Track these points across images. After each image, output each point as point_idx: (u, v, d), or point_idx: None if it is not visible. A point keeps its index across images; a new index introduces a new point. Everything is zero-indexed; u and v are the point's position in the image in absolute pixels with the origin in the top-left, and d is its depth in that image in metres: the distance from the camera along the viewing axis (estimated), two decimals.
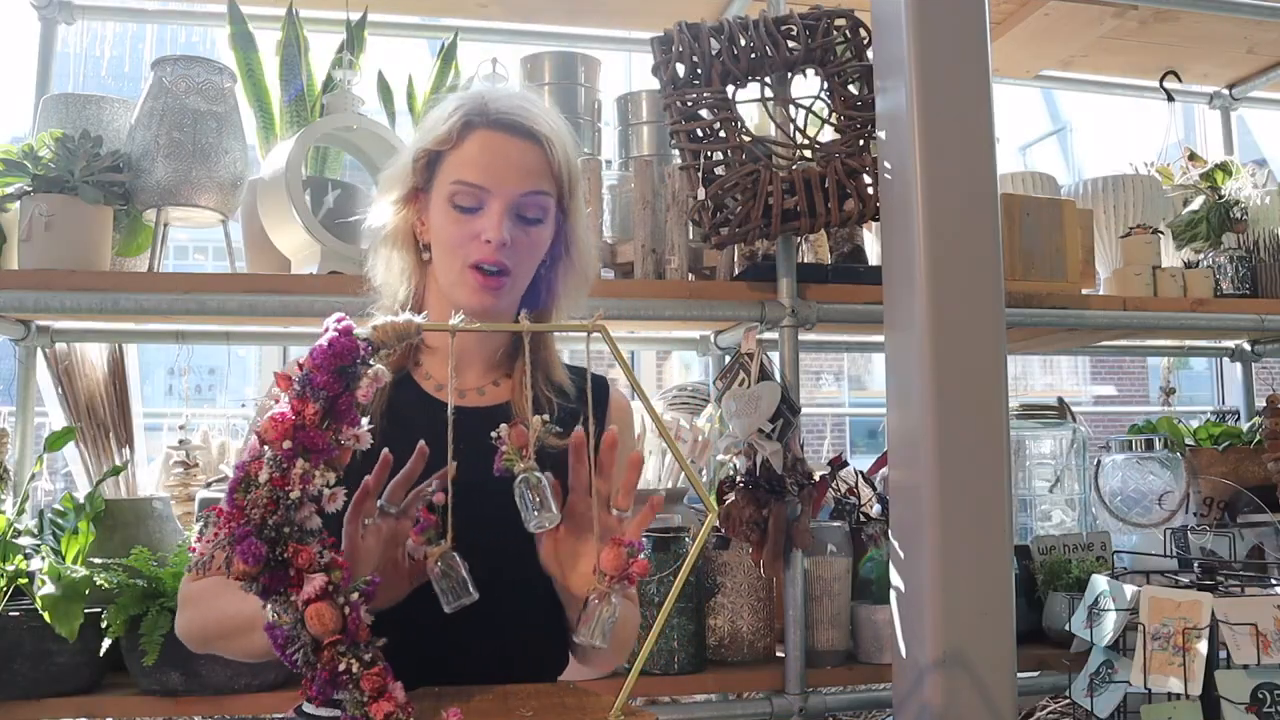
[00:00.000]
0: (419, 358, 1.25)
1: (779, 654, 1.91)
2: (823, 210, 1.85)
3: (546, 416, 1.01)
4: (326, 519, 0.91)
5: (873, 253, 2.21)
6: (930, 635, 1.53)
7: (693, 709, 1.90)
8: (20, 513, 1.78)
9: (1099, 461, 2.34)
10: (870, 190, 1.88)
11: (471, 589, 0.97)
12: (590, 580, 1.01)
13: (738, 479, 1.81)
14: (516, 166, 1.17)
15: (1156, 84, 2.76)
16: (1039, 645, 2.01)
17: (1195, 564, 1.75)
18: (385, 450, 1.01)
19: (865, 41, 1.95)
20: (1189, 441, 2.40)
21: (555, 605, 1.14)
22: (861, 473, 2.15)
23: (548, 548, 1.08)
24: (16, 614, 1.62)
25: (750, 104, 1.95)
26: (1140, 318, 2.20)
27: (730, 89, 1.91)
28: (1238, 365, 2.89)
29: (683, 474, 2.08)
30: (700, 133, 1.87)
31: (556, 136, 1.20)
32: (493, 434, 0.99)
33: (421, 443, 1.02)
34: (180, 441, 2.16)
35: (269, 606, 0.88)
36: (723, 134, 1.86)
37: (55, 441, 1.85)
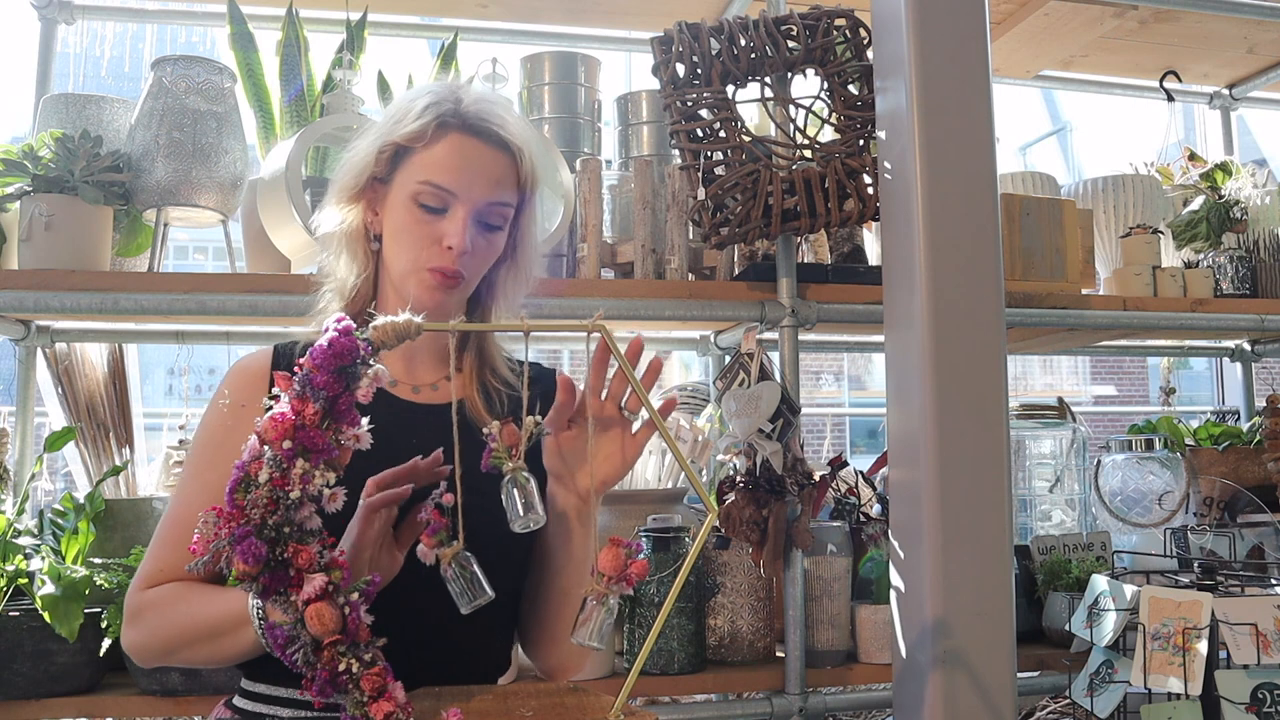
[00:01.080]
0: None
1: (779, 654, 1.91)
2: (823, 210, 1.86)
3: (539, 417, 1.01)
4: (326, 519, 0.91)
5: (873, 253, 2.21)
6: (930, 635, 1.52)
7: (693, 709, 1.90)
8: (20, 513, 1.78)
9: (1099, 461, 2.34)
10: (870, 190, 1.88)
11: (487, 588, 0.96)
12: (591, 483, 1.06)
13: (738, 479, 1.81)
14: (486, 174, 1.18)
15: (1156, 84, 2.76)
16: (1039, 645, 2.01)
17: (1195, 564, 1.75)
18: (418, 458, 1.03)
19: (865, 41, 1.95)
20: (1189, 441, 2.40)
21: (503, 606, 1.13)
22: (861, 473, 2.15)
23: (552, 446, 1.08)
24: (16, 614, 1.62)
25: (750, 104, 1.95)
26: (1140, 318, 2.19)
27: (730, 89, 1.91)
28: (1238, 365, 2.89)
29: (683, 474, 2.08)
30: (700, 133, 1.87)
31: (526, 146, 1.20)
32: (484, 430, 0.99)
33: (439, 451, 1.03)
34: (180, 441, 2.15)
35: (269, 606, 0.88)
36: (723, 134, 1.86)
37: (55, 441, 1.85)
